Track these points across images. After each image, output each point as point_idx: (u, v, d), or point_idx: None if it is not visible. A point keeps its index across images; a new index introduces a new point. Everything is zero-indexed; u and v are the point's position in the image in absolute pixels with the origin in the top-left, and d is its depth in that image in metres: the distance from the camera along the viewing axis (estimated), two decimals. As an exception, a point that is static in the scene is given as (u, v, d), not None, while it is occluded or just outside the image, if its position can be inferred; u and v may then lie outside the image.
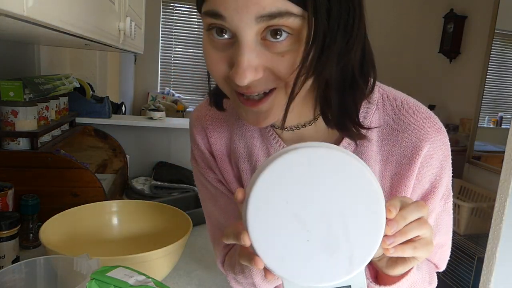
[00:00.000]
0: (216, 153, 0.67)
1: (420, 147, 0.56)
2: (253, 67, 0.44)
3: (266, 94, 0.48)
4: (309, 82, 0.46)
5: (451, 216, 0.65)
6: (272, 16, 0.42)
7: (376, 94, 0.57)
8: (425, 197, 0.60)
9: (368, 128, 0.55)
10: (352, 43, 0.46)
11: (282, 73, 0.45)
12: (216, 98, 0.61)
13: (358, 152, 0.58)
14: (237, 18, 0.42)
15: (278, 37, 0.43)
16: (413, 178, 0.57)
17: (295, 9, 0.42)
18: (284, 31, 0.43)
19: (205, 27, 0.47)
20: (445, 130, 0.58)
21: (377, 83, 0.57)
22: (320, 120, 0.55)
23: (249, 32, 0.43)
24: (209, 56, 0.48)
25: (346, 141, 0.57)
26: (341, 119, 0.51)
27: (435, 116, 0.58)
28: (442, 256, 0.68)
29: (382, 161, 0.58)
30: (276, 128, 0.61)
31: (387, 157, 0.58)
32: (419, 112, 0.56)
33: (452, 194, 0.64)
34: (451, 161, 0.60)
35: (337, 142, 0.59)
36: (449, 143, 0.59)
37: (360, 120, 0.53)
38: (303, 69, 0.44)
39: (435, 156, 0.57)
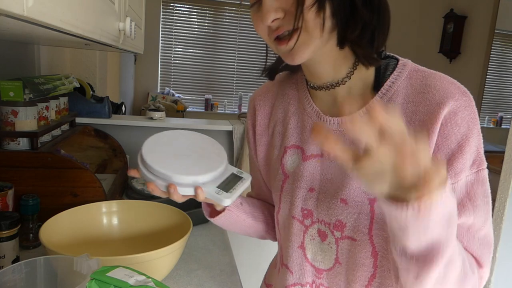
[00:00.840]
0: (258, 119, 0.79)
1: (444, 103, 0.58)
2: (273, 8, 0.56)
3: (292, 34, 0.57)
4: (328, 23, 0.56)
5: (487, 192, 0.61)
6: None
7: (409, 67, 0.63)
8: (453, 157, 0.58)
9: (382, 58, 0.62)
10: None
11: (302, 15, 0.54)
12: (270, 71, 0.74)
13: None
14: None
15: None
16: (434, 133, 0.58)
17: None
18: None
19: (250, 5, 0.61)
20: (471, 96, 0.60)
21: (412, 62, 0.64)
22: (353, 79, 0.64)
23: None
24: (255, 22, 0.61)
25: (373, 102, 0.62)
26: (367, 52, 0.60)
27: (461, 85, 0.60)
28: (482, 247, 0.61)
29: (406, 122, 0.59)
30: (312, 88, 0.70)
31: (411, 117, 0.60)
32: (446, 78, 0.60)
33: (487, 165, 0.61)
34: (480, 130, 0.60)
35: (367, 101, 0.64)
36: (476, 110, 0.60)
37: (388, 86, 0.62)
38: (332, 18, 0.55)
39: (460, 114, 0.58)
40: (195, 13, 4.66)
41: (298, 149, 0.71)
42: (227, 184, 0.64)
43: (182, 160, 0.65)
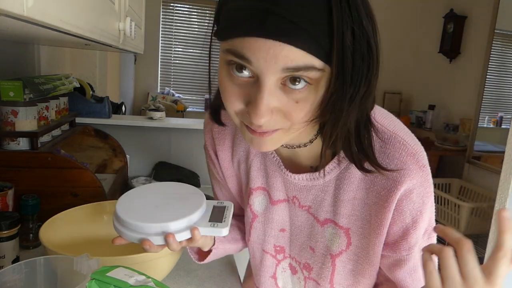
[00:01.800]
0: (219, 152, 0.74)
1: (400, 181, 0.57)
2: (270, 109, 0.47)
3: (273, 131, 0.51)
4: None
5: None
6: (298, 69, 0.44)
7: (372, 126, 0.58)
8: (407, 231, 0.61)
9: (386, 170, 0.56)
10: (370, 91, 0.48)
11: (293, 119, 0.48)
12: (215, 114, 0.67)
13: (343, 176, 0.61)
14: (265, 65, 0.44)
15: (297, 83, 0.46)
16: (390, 210, 0.59)
17: (319, 63, 0.44)
18: (303, 80, 0.46)
19: (224, 61, 0.49)
20: (428, 168, 0.59)
21: (375, 114, 0.59)
22: (314, 144, 0.60)
23: (272, 78, 0.45)
24: (228, 91, 0.50)
25: (332, 164, 0.61)
26: (358, 158, 0.55)
27: (422, 153, 0.58)
28: None
29: (365, 188, 0.61)
30: None
31: (370, 186, 0.60)
32: (405, 148, 0.57)
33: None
34: (433, 199, 0.62)
35: (325, 164, 0.61)
36: (431, 180, 0.60)
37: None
38: (320, 117, 0.49)
39: (415, 192, 0.58)
40: (195, 13, 4.66)
41: (264, 191, 0.71)
42: (216, 216, 0.63)
43: (166, 208, 0.62)
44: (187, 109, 4.50)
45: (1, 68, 1.28)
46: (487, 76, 3.23)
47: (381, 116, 0.59)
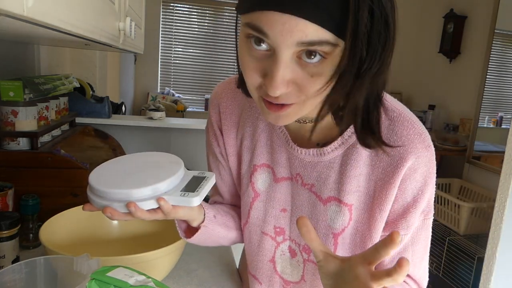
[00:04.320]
0: (224, 127, 0.74)
1: (406, 158, 0.59)
2: (285, 82, 0.49)
3: (289, 104, 0.52)
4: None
5: (429, 233, 0.67)
6: (312, 43, 0.45)
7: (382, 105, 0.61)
8: (406, 210, 0.62)
9: (390, 146, 0.58)
10: (384, 69, 0.49)
11: (308, 92, 0.50)
12: (242, 84, 0.67)
13: (350, 152, 0.62)
14: (280, 39, 0.46)
15: (312, 57, 0.47)
16: (395, 186, 0.60)
17: (333, 38, 0.45)
18: (319, 54, 0.47)
19: (244, 34, 0.50)
20: (433, 148, 0.61)
21: (386, 97, 0.60)
22: (324, 120, 0.61)
23: (288, 52, 0.47)
24: (247, 64, 0.52)
25: (340, 140, 0.62)
26: (365, 136, 0.57)
27: (428, 134, 0.61)
28: (424, 272, 0.70)
29: (370, 165, 0.62)
30: None
31: (376, 162, 0.61)
32: (413, 127, 0.59)
33: (434, 212, 0.66)
34: (435, 179, 0.63)
35: (332, 140, 0.63)
36: (435, 162, 0.62)
37: (353, 130, 0.59)
38: (335, 92, 0.49)
39: (419, 171, 0.60)
40: (195, 13, 4.65)
41: (269, 168, 0.71)
42: (191, 186, 0.60)
43: (135, 176, 0.60)
44: (187, 109, 4.49)
45: (1, 68, 1.28)
46: (487, 76, 3.23)
47: (391, 98, 0.62)
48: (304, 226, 0.54)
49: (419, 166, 0.60)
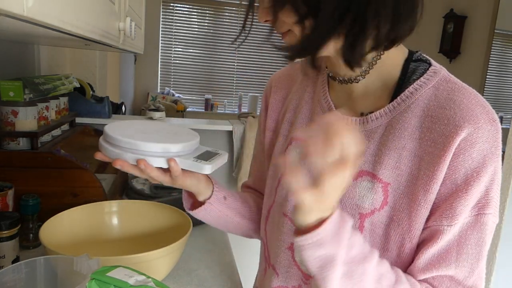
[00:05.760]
0: (271, 100, 0.75)
1: (462, 126, 0.50)
2: (264, 10, 0.54)
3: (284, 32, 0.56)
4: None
5: (485, 236, 0.52)
6: None
7: (440, 76, 0.56)
8: (455, 194, 0.51)
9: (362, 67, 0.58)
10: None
11: (280, 18, 0.54)
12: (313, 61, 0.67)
13: (397, 121, 0.56)
14: None
15: None
16: (445, 161, 0.51)
17: None
18: None
19: None
20: (499, 126, 0.52)
21: (446, 71, 0.57)
22: (369, 78, 0.59)
23: None
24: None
25: (386, 109, 0.57)
26: (353, 57, 0.55)
27: (493, 110, 0.52)
28: (478, 277, 0.54)
29: (419, 138, 0.54)
30: (330, 78, 0.65)
31: (426, 134, 0.53)
32: (476, 98, 0.52)
33: (496, 210, 0.53)
34: (500, 170, 0.52)
35: (383, 103, 0.58)
36: (500, 142, 0.51)
37: (410, 92, 0.55)
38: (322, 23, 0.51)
39: (477, 146, 0.50)
40: (195, 13, 4.65)
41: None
42: (204, 156, 0.62)
43: (150, 134, 0.62)
44: (187, 109, 4.50)
45: (1, 68, 1.28)
46: (487, 76, 3.23)
47: (456, 78, 0.57)
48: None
49: (477, 141, 0.50)
